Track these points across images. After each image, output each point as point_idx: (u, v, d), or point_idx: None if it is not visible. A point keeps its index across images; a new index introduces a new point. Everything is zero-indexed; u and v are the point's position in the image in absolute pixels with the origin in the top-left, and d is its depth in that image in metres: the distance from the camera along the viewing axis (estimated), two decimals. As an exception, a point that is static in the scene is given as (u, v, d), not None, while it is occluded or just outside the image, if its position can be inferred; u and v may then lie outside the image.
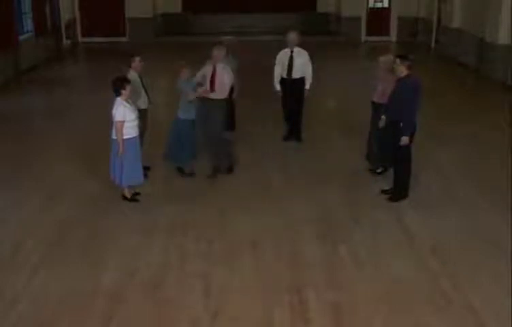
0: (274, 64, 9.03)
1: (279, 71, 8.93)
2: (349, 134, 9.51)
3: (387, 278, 5.36)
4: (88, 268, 5.55)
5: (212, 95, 7.46)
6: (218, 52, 7.48)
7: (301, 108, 9.11)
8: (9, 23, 14.20)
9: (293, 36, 8.88)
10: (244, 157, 8.47)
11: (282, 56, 8.91)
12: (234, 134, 8.96)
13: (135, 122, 6.67)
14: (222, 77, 7.44)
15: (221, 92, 7.50)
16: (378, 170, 7.78)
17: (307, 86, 8.90)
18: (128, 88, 6.59)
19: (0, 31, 13.53)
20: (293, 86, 8.86)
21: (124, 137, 6.53)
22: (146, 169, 7.57)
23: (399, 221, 6.55)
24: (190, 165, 7.74)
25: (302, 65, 8.83)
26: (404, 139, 6.71)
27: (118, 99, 6.55)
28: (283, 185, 7.57)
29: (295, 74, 8.83)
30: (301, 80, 8.88)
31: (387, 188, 7.21)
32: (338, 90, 13.37)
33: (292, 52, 8.82)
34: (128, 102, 6.64)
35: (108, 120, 6.65)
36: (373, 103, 7.65)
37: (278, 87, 9.01)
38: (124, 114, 6.49)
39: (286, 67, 8.84)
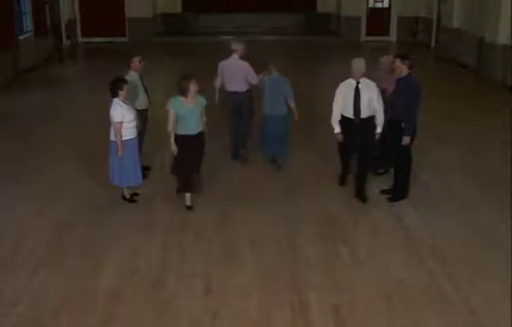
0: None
1: (339, 107, 6.93)
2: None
3: (386, 279, 5.37)
4: (88, 268, 5.55)
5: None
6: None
7: (373, 159, 7.22)
8: (9, 23, 14.20)
9: (360, 63, 6.82)
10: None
11: (345, 90, 6.86)
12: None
13: (134, 123, 6.67)
14: None
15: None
16: (380, 171, 7.77)
17: (378, 130, 6.86)
18: (125, 88, 6.59)
19: (0, 31, 13.53)
20: (362, 128, 6.82)
21: (123, 138, 6.53)
22: (146, 169, 7.57)
23: (399, 221, 6.55)
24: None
25: (370, 100, 6.77)
26: (406, 139, 6.71)
27: (115, 100, 6.55)
28: (283, 185, 7.56)
29: (364, 112, 6.79)
30: (371, 120, 6.84)
31: (386, 188, 7.21)
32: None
33: (358, 83, 6.79)
34: (125, 103, 6.64)
35: (108, 120, 6.65)
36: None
37: (337, 128, 7.01)
38: (122, 115, 6.49)
39: (351, 103, 6.78)
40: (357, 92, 6.74)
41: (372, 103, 6.74)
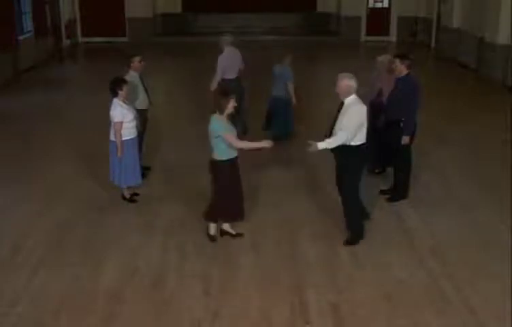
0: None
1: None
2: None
3: (386, 279, 5.37)
4: (88, 268, 5.55)
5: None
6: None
7: (348, 197, 5.98)
8: (9, 23, 14.20)
9: (341, 81, 5.72)
10: (242, 157, 8.46)
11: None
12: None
13: (133, 123, 6.67)
14: None
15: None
16: (377, 170, 7.77)
17: (320, 143, 5.76)
18: (125, 88, 6.59)
19: (0, 31, 13.54)
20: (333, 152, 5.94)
21: (123, 138, 6.53)
22: (147, 169, 7.58)
23: (399, 221, 6.55)
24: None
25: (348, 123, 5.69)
26: (405, 139, 6.72)
27: (115, 100, 6.55)
28: (283, 185, 7.57)
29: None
30: (343, 149, 5.80)
31: (386, 188, 7.21)
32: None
33: (342, 104, 5.81)
34: (125, 103, 6.64)
35: (108, 120, 6.65)
36: (371, 103, 7.62)
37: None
38: (123, 115, 6.50)
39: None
40: (337, 112, 5.85)
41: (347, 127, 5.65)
